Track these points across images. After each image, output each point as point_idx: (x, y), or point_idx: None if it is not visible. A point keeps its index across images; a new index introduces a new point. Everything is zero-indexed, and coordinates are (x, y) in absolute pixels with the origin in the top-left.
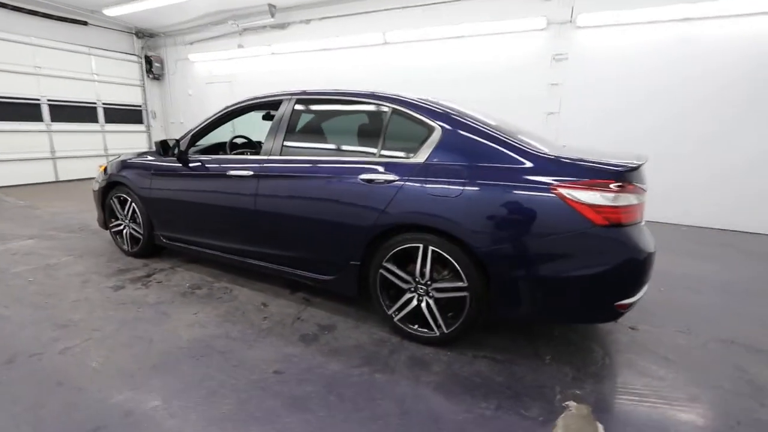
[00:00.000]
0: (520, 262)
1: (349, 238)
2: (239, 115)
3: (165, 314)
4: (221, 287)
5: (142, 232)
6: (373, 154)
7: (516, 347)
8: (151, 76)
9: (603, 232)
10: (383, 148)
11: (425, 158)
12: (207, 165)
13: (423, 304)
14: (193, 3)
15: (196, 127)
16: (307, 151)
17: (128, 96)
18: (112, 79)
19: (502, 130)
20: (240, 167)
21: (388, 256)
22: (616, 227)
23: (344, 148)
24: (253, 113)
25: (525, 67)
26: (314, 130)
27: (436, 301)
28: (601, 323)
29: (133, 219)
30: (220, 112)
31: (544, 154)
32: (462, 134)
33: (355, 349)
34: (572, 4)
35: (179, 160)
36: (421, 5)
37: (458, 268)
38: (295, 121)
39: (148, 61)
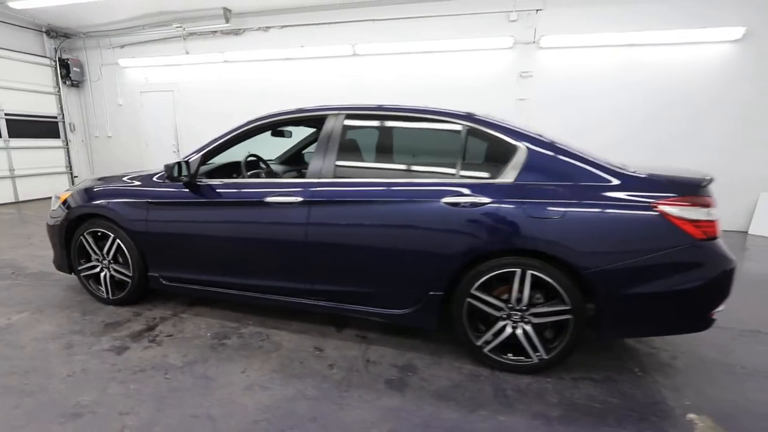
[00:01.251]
0: (627, 280)
1: (431, 268)
2: (265, 131)
3: (206, 378)
4: (253, 333)
5: (130, 274)
6: (451, 175)
7: (601, 363)
8: (68, 82)
9: (702, 245)
10: (462, 168)
11: (514, 179)
12: (231, 192)
13: (519, 331)
14: (126, 1)
15: (208, 145)
16: (366, 172)
17: (39, 105)
18: (17, 84)
19: (577, 148)
20: (282, 193)
21: (478, 284)
22: (711, 240)
23: (414, 169)
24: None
25: (494, 82)
26: (372, 149)
27: (534, 327)
28: (696, 332)
29: (115, 258)
30: (240, 128)
31: (630, 172)
32: (548, 154)
33: (457, 390)
34: (535, 26)
35: (189, 186)
36: (391, 19)
37: (560, 290)
38: (347, 139)
39: (64, 65)
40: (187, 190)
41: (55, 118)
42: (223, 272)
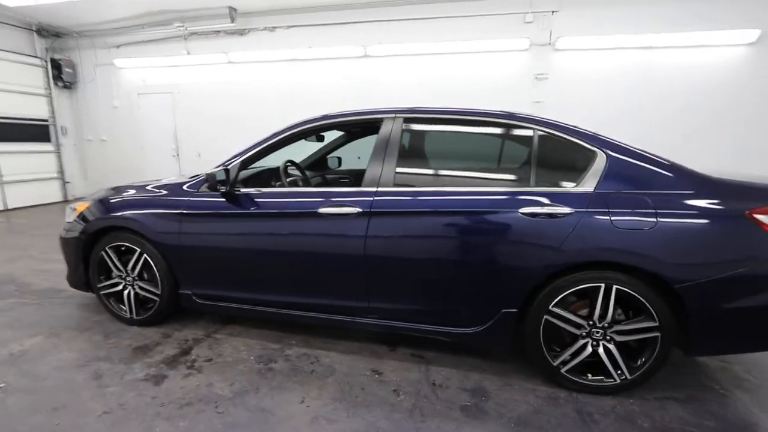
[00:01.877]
0: (721, 293)
1: (506, 283)
2: (309, 136)
3: (263, 411)
4: (299, 355)
5: (158, 292)
6: (525, 183)
7: (677, 380)
8: (60, 83)
9: None
10: (537, 176)
11: (594, 187)
12: (276, 202)
13: (600, 350)
14: None
15: (247, 151)
16: (429, 180)
17: (29, 108)
18: (5, 86)
19: (655, 154)
20: (336, 203)
21: (557, 300)
22: None
23: (481, 176)
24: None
25: (510, 85)
26: (434, 155)
27: (618, 345)
28: None
29: (140, 275)
30: (283, 132)
31: (713, 178)
32: (628, 160)
33: (540, 416)
34: (551, 28)
35: (227, 196)
36: (403, 19)
37: (648, 306)
38: (407, 144)
39: (56, 65)
40: (224, 200)
41: (46, 120)
42: (267, 289)
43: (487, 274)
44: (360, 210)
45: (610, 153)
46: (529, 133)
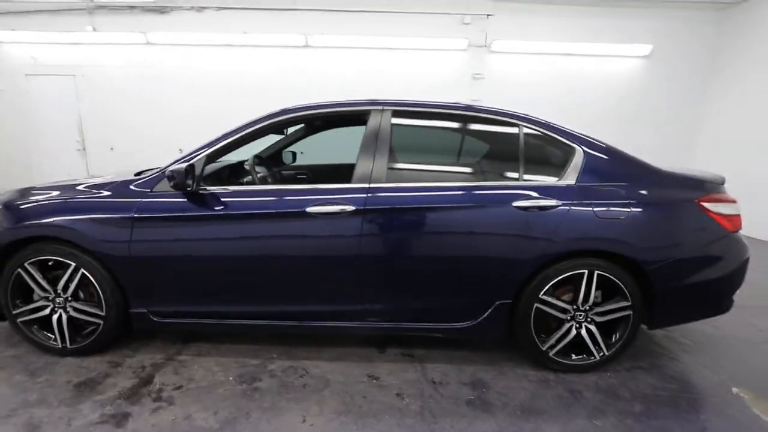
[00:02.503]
0: (681, 272)
1: (501, 276)
2: (285, 127)
3: None
4: (285, 368)
5: (102, 313)
6: (514, 178)
7: (635, 351)
8: None
9: (732, 237)
10: (524, 171)
11: (575, 180)
12: (253, 201)
13: (583, 331)
14: None
15: (215, 142)
16: (422, 176)
17: None
18: None
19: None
20: (326, 201)
21: (546, 288)
22: (737, 233)
23: (472, 171)
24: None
25: (448, 83)
26: (425, 150)
27: (598, 325)
28: (722, 315)
29: (75, 295)
30: (257, 122)
31: (670, 172)
32: (601, 156)
33: (540, 400)
34: (486, 30)
35: (192, 196)
36: (347, 11)
37: (624, 287)
38: (397, 138)
39: None
40: (186, 200)
41: None
42: (246, 300)
43: (484, 268)
44: (353, 208)
45: (586, 149)
46: (514, 129)
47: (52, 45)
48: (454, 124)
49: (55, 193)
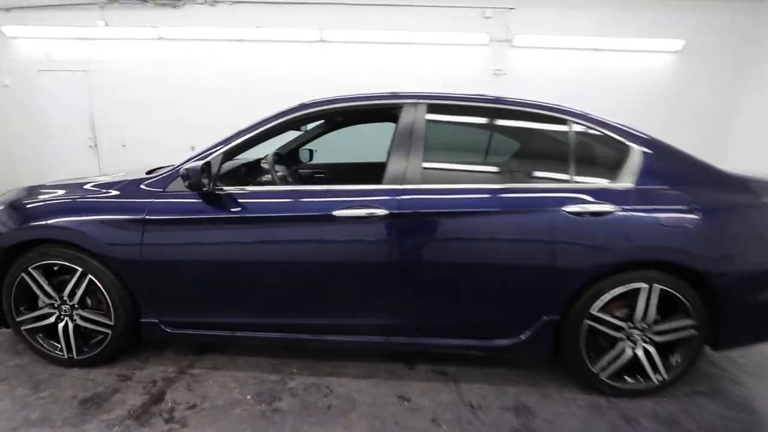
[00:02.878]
0: (753, 286)
1: (550, 288)
2: (309, 122)
3: None
4: (307, 386)
5: (110, 323)
6: (564, 180)
7: (693, 373)
8: None
9: None
10: (575, 172)
11: (634, 183)
12: (274, 203)
13: (640, 352)
14: None
15: (233, 138)
16: (460, 176)
17: None
18: None
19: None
20: (356, 203)
21: (600, 304)
22: None
23: (517, 171)
24: None
25: (469, 79)
26: (462, 148)
27: (656, 346)
28: None
29: (82, 302)
30: (278, 117)
31: (734, 173)
32: (662, 155)
33: (589, 429)
34: (508, 24)
35: (209, 197)
36: (363, 4)
37: (687, 304)
38: (432, 135)
39: None
40: (201, 200)
41: None
42: (267, 311)
43: (530, 279)
44: (386, 211)
45: (644, 148)
46: (565, 126)
47: (63, 40)
48: (496, 120)
49: (61, 192)
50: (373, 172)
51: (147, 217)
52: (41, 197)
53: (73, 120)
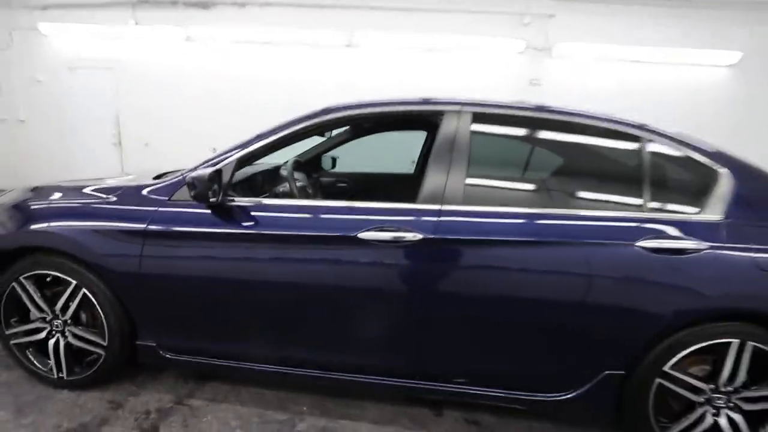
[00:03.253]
0: None
1: (614, 338)
2: (336, 128)
3: None
4: (319, 429)
5: (104, 343)
6: (636, 207)
7: None
8: None
9: None
10: (652, 199)
11: (722, 214)
12: (290, 219)
13: (723, 421)
14: None
15: (249, 143)
16: (509, 198)
17: None
18: None
19: None
20: (387, 225)
21: (676, 358)
22: None
23: (577, 197)
24: None
25: (504, 88)
26: (512, 165)
27: (744, 414)
28: None
29: (76, 318)
30: (293, 123)
31: None
32: (754, 181)
33: None
34: (547, 32)
35: (218, 208)
36: (394, 9)
37: None
38: (478, 149)
39: None
40: (210, 212)
41: None
42: (275, 341)
43: (593, 326)
44: (420, 236)
45: (734, 171)
46: (637, 143)
47: (94, 38)
48: (554, 135)
49: (57, 195)
50: (400, 184)
51: (149, 227)
52: (36, 201)
53: (99, 117)
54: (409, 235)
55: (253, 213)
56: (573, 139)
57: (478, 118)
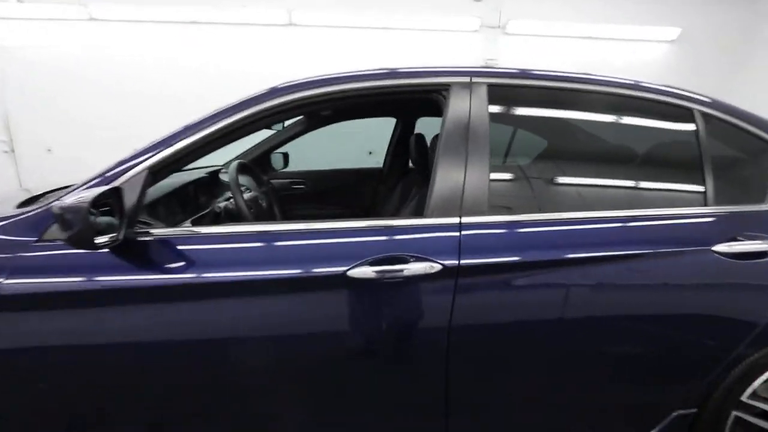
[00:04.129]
0: None
1: (690, 371)
2: (279, 119)
3: None
4: None
5: None
6: (695, 203)
7: None
8: None
9: None
10: (716, 192)
11: None
12: (241, 253)
13: None
14: None
15: (157, 148)
16: (545, 199)
17: None
18: None
19: None
20: (390, 254)
21: (756, 384)
22: None
23: (630, 192)
24: None
25: None
26: (545, 156)
27: None
28: None
29: None
30: (229, 112)
31: None
32: None
33: None
34: (500, 9)
35: (123, 248)
36: None
37: None
38: (500, 137)
39: None
40: (109, 254)
41: None
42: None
43: (660, 360)
44: (439, 266)
45: None
46: (691, 123)
47: None
48: (592, 113)
49: None
50: (369, 182)
51: (3, 282)
52: None
53: None
54: (422, 266)
55: (180, 247)
56: (615, 117)
57: (496, 92)
